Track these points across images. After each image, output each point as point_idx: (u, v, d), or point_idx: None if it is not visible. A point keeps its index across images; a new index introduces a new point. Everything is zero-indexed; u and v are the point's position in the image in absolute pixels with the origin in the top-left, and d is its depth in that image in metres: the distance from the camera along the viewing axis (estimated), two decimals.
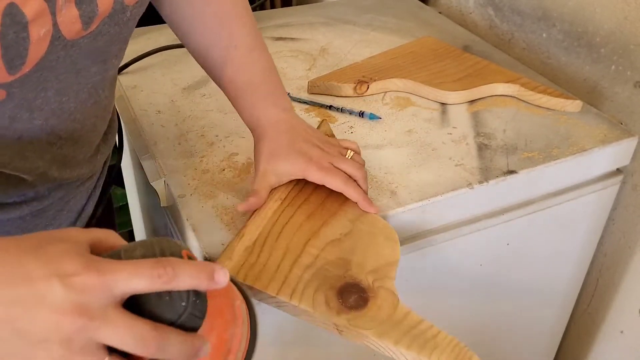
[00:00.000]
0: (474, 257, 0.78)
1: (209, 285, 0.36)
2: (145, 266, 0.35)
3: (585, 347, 1.07)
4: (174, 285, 0.35)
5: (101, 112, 0.57)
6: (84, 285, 0.33)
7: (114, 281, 0.34)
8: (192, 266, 0.36)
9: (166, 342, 0.34)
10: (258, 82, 0.64)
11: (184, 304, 0.36)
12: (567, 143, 0.77)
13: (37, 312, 0.33)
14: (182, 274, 0.35)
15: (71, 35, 0.43)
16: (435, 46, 0.98)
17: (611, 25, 0.86)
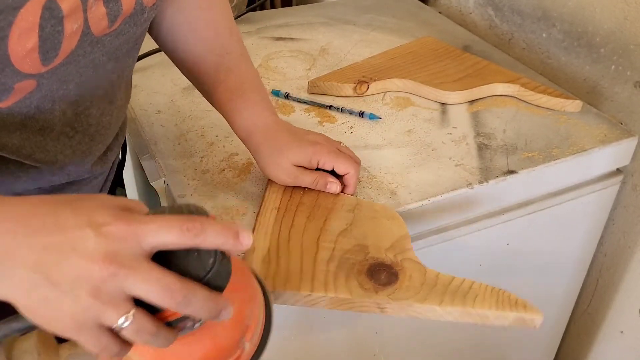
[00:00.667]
0: (474, 257, 0.78)
1: (235, 245, 0.36)
2: (175, 220, 0.35)
3: (585, 347, 1.07)
4: (201, 240, 0.35)
5: (116, 112, 0.59)
6: (115, 234, 0.34)
7: (143, 232, 0.34)
8: (219, 225, 0.36)
9: (192, 295, 0.34)
10: (250, 87, 0.65)
11: (212, 261, 0.36)
12: (567, 143, 0.77)
13: (69, 259, 0.33)
14: (209, 230, 0.35)
15: (98, 32, 0.45)
16: (435, 46, 0.98)
17: (611, 25, 0.86)
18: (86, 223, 0.34)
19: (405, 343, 0.81)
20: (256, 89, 0.65)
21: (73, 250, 0.34)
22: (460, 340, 0.89)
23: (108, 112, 0.57)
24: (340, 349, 0.75)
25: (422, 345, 0.84)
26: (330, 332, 0.72)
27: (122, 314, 0.34)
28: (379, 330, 0.76)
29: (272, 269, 0.56)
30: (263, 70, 0.92)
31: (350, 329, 0.74)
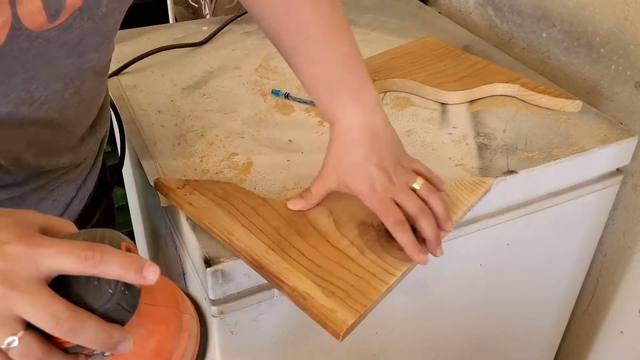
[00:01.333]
0: (474, 257, 0.78)
1: (137, 279, 0.35)
2: (75, 247, 0.34)
3: (585, 347, 1.07)
4: (100, 270, 0.34)
5: (84, 102, 0.56)
6: (11, 254, 0.33)
7: (41, 255, 0.34)
8: (123, 256, 0.35)
9: (80, 325, 0.34)
10: (335, 75, 0.59)
11: (111, 292, 0.35)
12: (567, 143, 0.77)
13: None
14: (110, 261, 0.35)
15: (35, 27, 0.43)
16: (435, 46, 0.98)
17: (611, 25, 0.86)
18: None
19: (405, 343, 0.81)
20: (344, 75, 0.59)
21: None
22: (460, 340, 0.89)
23: (72, 103, 0.54)
24: (340, 349, 0.75)
25: (422, 345, 0.84)
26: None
27: (9, 334, 0.33)
28: (379, 330, 0.76)
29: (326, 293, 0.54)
30: (263, 70, 0.92)
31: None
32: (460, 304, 0.83)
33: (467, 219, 0.73)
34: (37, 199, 0.58)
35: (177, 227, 0.69)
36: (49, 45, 0.46)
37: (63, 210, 0.63)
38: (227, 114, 0.81)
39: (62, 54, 0.48)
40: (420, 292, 0.77)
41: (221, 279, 0.59)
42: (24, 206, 0.57)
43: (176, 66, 0.93)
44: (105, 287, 0.35)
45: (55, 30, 0.45)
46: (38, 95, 0.50)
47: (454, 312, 0.83)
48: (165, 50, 0.95)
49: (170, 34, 1.01)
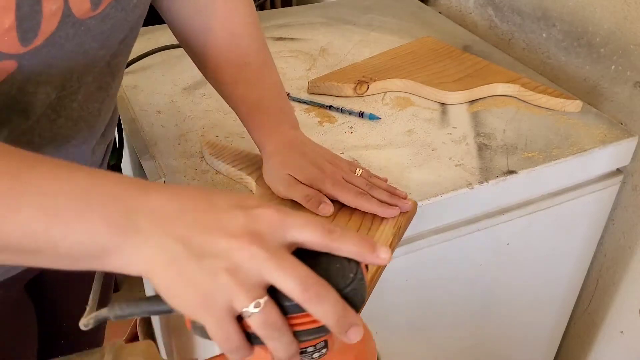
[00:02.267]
0: (474, 257, 0.78)
1: (371, 257, 0.36)
2: (319, 221, 0.36)
3: (585, 347, 1.07)
4: (339, 245, 0.35)
5: (107, 99, 0.58)
6: (263, 217, 0.34)
7: (290, 223, 0.35)
8: (358, 235, 0.36)
9: (325, 295, 0.33)
10: (269, 100, 0.64)
11: (352, 276, 0.35)
12: (567, 143, 0.77)
13: (214, 235, 0.33)
14: (348, 237, 0.35)
15: (80, 14, 0.45)
16: (435, 46, 0.98)
17: (611, 25, 0.86)
18: (237, 205, 0.35)
19: (405, 343, 0.81)
20: (277, 103, 0.65)
21: (220, 228, 0.34)
22: (460, 340, 0.89)
23: (96, 98, 0.55)
24: None
25: (422, 345, 0.84)
26: None
27: (254, 298, 0.33)
28: (380, 330, 0.76)
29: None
30: None
31: None
32: (461, 303, 0.83)
33: (467, 218, 0.73)
34: None
35: None
36: (89, 34, 0.47)
37: None
38: (227, 114, 0.81)
39: (97, 45, 0.49)
40: (420, 292, 0.77)
41: None
42: None
43: (176, 66, 0.93)
44: (347, 269, 0.36)
45: (94, 18, 0.47)
46: (70, 85, 0.51)
47: (454, 312, 0.83)
48: (165, 50, 0.95)
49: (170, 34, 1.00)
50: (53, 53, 0.45)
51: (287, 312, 0.34)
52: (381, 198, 0.61)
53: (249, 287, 0.33)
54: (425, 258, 0.73)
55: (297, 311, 0.34)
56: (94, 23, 0.47)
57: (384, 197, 0.61)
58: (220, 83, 0.66)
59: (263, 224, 0.34)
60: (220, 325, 0.33)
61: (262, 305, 0.33)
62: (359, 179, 0.63)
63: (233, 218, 0.34)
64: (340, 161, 0.65)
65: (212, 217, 0.34)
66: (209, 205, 0.35)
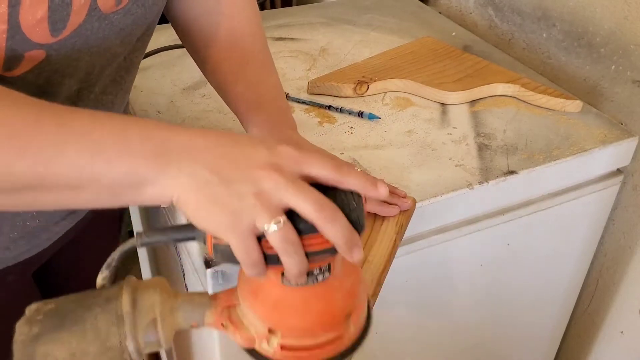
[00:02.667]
0: (474, 257, 0.78)
1: (374, 192, 0.41)
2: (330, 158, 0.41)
3: (585, 347, 1.07)
4: (346, 179, 0.40)
5: (120, 92, 0.60)
6: (284, 153, 0.39)
7: (306, 159, 0.39)
8: (362, 173, 0.41)
9: (337, 216, 0.38)
10: (268, 100, 0.65)
11: (355, 204, 0.40)
12: (567, 143, 0.77)
13: (241, 165, 0.38)
14: (354, 174, 0.40)
15: (105, 9, 0.47)
16: (435, 46, 0.98)
17: (611, 25, 0.86)
18: (260, 143, 0.40)
19: (405, 343, 0.81)
20: (275, 103, 0.66)
21: (246, 160, 0.38)
22: (461, 340, 0.89)
23: (111, 91, 0.58)
24: None
25: (423, 345, 0.84)
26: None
27: (275, 217, 0.37)
28: (380, 330, 0.76)
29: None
30: None
31: None
32: (461, 304, 0.83)
33: (467, 219, 0.73)
34: None
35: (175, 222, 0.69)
36: (112, 28, 0.50)
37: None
38: (227, 115, 0.80)
39: (118, 40, 0.52)
40: (420, 292, 0.76)
41: (221, 279, 0.59)
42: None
43: (176, 67, 0.93)
44: (351, 200, 0.40)
45: (117, 13, 0.49)
46: (91, 78, 0.53)
47: (454, 312, 0.83)
48: (165, 50, 0.95)
49: (170, 34, 1.00)
50: (78, 45, 0.48)
51: (301, 233, 0.38)
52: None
53: (272, 209, 0.37)
54: (425, 258, 0.73)
55: (309, 233, 0.38)
56: (116, 18, 0.49)
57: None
58: (219, 81, 0.66)
59: (283, 158, 0.39)
60: (244, 241, 0.38)
61: (281, 223, 0.37)
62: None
63: (257, 152, 0.39)
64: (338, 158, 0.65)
65: (238, 150, 0.39)
66: (234, 141, 0.40)
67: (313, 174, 0.40)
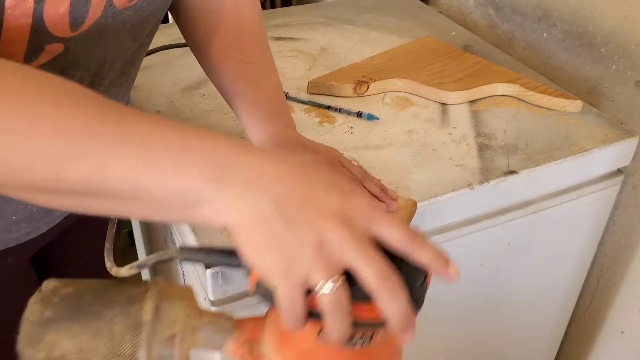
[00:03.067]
0: (474, 257, 0.78)
1: (443, 272, 0.37)
2: (406, 225, 0.37)
3: (586, 347, 1.07)
4: (418, 253, 0.36)
5: (126, 85, 0.61)
6: (357, 206, 0.35)
7: (379, 220, 0.36)
8: (435, 248, 0.37)
9: (398, 291, 0.35)
10: (267, 99, 0.65)
11: (422, 279, 0.37)
12: (568, 143, 0.77)
13: (309, 207, 0.34)
14: (428, 248, 0.36)
15: (120, 5, 0.48)
16: (435, 46, 0.98)
17: (612, 25, 0.86)
18: (335, 187, 0.36)
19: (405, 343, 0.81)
20: (275, 102, 0.66)
21: (315, 202, 0.35)
22: (461, 340, 0.89)
23: (119, 83, 0.59)
24: None
25: (423, 345, 0.84)
26: None
27: (331, 277, 0.34)
28: None
29: None
30: None
31: None
32: (461, 304, 0.83)
33: (467, 219, 0.73)
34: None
35: (177, 228, 0.69)
36: (124, 24, 0.51)
37: None
38: (227, 114, 0.80)
39: (129, 36, 0.53)
40: None
41: (221, 280, 0.59)
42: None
43: (176, 66, 0.93)
44: (418, 274, 0.37)
45: (130, 10, 0.50)
46: (102, 72, 0.54)
47: (455, 312, 0.83)
48: (165, 50, 0.95)
49: (170, 34, 1.00)
50: (93, 40, 0.48)
51: (354, 299, 0.35)
52: (372, 190, 0.62)
53: (330, 265, 0.34)
54: None
55: (363, 301, 0.35)
56: (129, 14, 0.50)
57: (375, 190, 0.62)
58: (220, 79, 0.67)
59: (355, 212, 0.35)
60: (291, 292, 0.35)
61: (337, 285, 0.34)
62: (355, 167, 0.63)
63: (329, 197, 0.35)
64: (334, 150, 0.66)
65: (309, 190, 0.35)
66: (306, 177, 0.36)
67: (383, 236, 0.36)
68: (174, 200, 0.35)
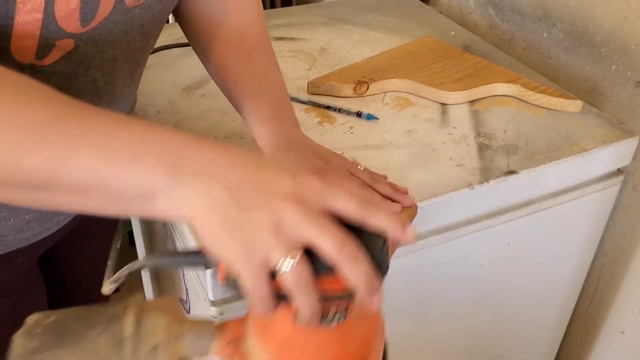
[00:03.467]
0: (474, 257, 0.78)
1: (400, 235, 0.37)
2: (359, 193, 0.37)
3: (585, 347, 1.07)
4: (375, 218, 0.37)
5: (133, 86, 0.62)
6: (308, 185, 0.36)
7: (330, 193, 0.36)
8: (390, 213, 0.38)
9: (358, 256, 0.35)
10: (271, 98, 0.65)
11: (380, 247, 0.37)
12: (568, 143, 0.77)
13: (262, 191, 0.36)
14: (383, 213, 0.37)
15: (130, 2, 0.49)
16: (435, 46, 0.98)
17: (612, 25, 0.86)
18: (285, 170, 0.37)
19: (405, 343, 0.81)
20: (279, 101, 0.66)
21: (268, 187, 0.36)
22: (461, 340, 0.89)
23: (126, 83, 0.59)
24: None
25: (423, 345, 0.84)
26: None
27: (290, 254, 0.35)
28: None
29: None
30: None
31: None
32: (461, 304, 0.83)
33: (467, 219, 0.73)
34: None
35: (176, 228, 0.69)
36: (133, 23, 0.51)
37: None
38: (227, 115, 0.80)
39: (138, 34, 0.53)
40: (420, 292, 0.76)
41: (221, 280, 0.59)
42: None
43: (176, 66, 0.93)
44: (377, 240, 0.37)
45: (139, 8, 0.50)
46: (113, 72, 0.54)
47: (455, 312, 0.83)
48: (164, 49, 0.95)
49: (170, 34, 1.00)
50: (103, 37, 0.49)
51: (318, 274, 0.36)
52: (385, 192, 0.61)
53: (286, 244, 0.35)
54: (425, 258, 0.73)
55: (327, 274, 0.36)
56: (138, 12, 0.50)
57: (388, 191, 0.61)
58: (223, 79, 0.67)
59: (307, 190, 0.36)
60: (254, 274, 0.35)
61: (296, 260, 0.35)
62: (363, 173, 0.63)
63: (281, 180, 0.36)
64: (342, 157, 0.65)
65: (261, 175, 0.36)
66: (257, 165, 0.37)
67: (337, 209, 0.36)
68: (132, 192, 0.36)
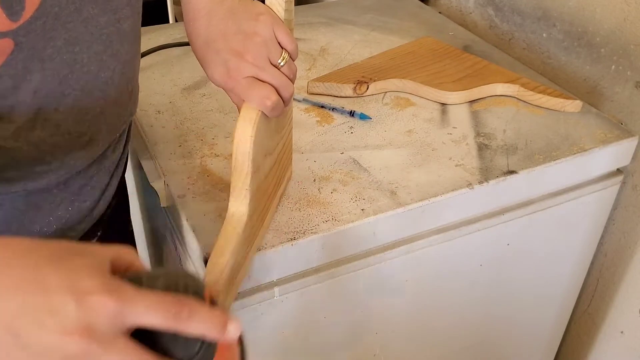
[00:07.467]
0: (474, 257, 0.78)
1: (219, 335, 0.35)
2: (163, 302, 0.34)
3: (585, 347, 1.07)
4: (186, 326, 0.34)
5: (120, 66, 0.54)
6: (98, 306, 0.32)
7: (129, 310, 0.33)
8: (208, 313, 0.35)
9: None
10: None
11: (198, 348, 0.35)
12: (567, 143, 0.77)
13: (44, 325, 0.32)
14: (196, 318, 0.34)
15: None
16: (435, 46, 0.98)
17: (611, 25, 0.86)
18: (69, 287, 0.32)
19: (405, 343, 0.81)
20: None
21: (50, 316, 0.32)
22: (461, 340, 0.89)
23: (109, 66, 0.52)
24: (340, 349, 0.75)
25: (423, 345, 0.84)
26: (331, 332, 0.72)
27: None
28: (380, 330, 0.76)
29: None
30: None
31: (351, 329, 0.74)
32: (461, 303, 0.83)
33: (467, 219, 0.73)
34: (79, 185, 0.56)
35: (177, 227, 0.69)
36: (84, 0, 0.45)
37: (99, 197, 0.61)
38: (227, 114, 0.80)
39: (97, 11, 0.47)
40: (420, 292, 0.76)
41: None
42: (67, 193, 0.55)
43: (176, 66, 0.93)
44: (192, 343, 0.35)
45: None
46: (80, 57, 0.48)
47: (454, 312, 0.83)
48: (164, 49, 0.95)
49: (170, 34, 1.01)
50: (49, 25, 0.43)
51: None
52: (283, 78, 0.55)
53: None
54: (425, 258, 0.73)
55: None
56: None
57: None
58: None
59: (97, 316, 0.32)
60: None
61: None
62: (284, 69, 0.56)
63: (65, 305, 0.32)
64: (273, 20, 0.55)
65: (41, 300, 0.32)
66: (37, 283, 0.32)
67: (143, 325, 0.33)
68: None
